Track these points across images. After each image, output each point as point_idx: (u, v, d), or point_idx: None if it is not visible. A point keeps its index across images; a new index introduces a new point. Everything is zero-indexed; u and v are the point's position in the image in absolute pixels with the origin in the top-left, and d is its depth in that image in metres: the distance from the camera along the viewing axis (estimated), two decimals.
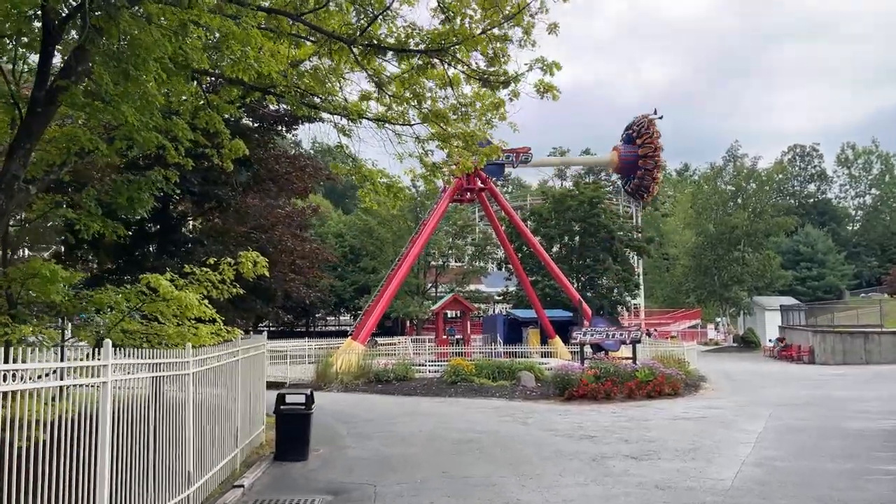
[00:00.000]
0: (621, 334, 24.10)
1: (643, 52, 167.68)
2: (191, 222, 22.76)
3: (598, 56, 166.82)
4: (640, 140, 38.97)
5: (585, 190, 47.54)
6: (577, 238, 47.99)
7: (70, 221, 15.62)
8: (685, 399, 20.95)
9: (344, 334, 59.55)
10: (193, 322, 13.65)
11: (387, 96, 12.38)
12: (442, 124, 15.81)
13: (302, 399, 12.04)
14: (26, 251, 20.74)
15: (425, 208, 49.99)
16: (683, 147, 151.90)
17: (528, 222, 48.91)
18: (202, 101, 14.02)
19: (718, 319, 64.12)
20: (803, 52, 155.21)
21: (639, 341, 24.51)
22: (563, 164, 42.11)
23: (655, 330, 54.41)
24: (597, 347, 24.99)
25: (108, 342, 6.68)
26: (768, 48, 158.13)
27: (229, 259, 14.85)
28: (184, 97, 13.62)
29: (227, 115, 18.85)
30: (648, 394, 21.18)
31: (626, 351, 25.50)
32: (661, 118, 40.76)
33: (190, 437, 8.93)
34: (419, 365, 28.59)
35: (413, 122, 15.79)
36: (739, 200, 55.80)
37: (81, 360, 6.29)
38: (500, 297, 53.77)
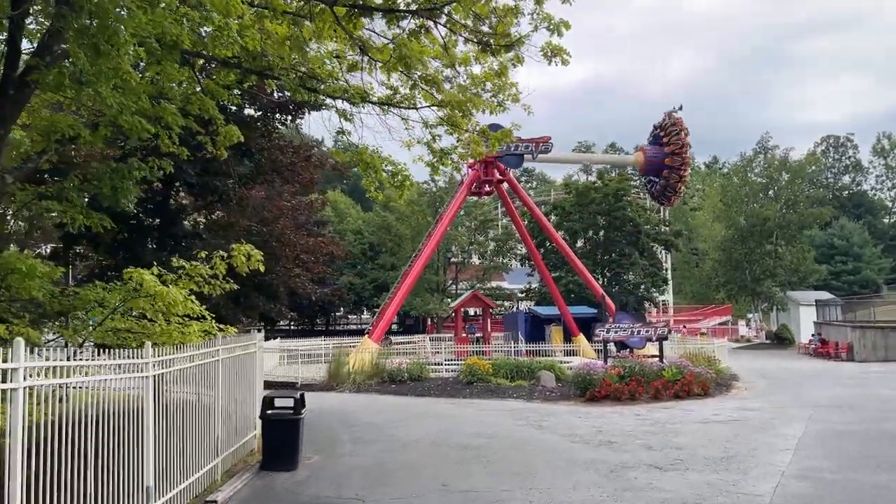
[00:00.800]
0: (647, 331, 22.71)
1: (670, 45, 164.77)
2: (195, 217, 21.89)
3: (623, 50, 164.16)
4: (667, 139, 37.31)
5: (610, 182, 46.03)
6: (601, 232, 46.49)
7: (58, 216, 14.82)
8: (716, 400, 19.54)
9: (363, 333, 58.76)
10: (184, 319, 12.70)
11: (375, 66, 11.20)
12: (448, 109, 14.73)
13: (292, 402, 10.95)
14: (17, 247, 20.02)
15: (444, 203, 48.85)
16: (712, 140, 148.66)
17: (551, 216, 47.50)
18: (197, 88, 13.06)
19: (750, 315, 62.11)
20: (836, 42, 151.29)
21: (665, 338, 23.13)
22: (586, 162, 40.57)
23: (684, 326, 52.71)
24: (621, 345, 23.64)
25: (18, 341, 5.59)
26: (800, 39, 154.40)
27: (221, 252, 13.89)
28: (175, 83, 12.70)
29: (223, 102, 17.92)
30: (676, 394, 19.81)
31: (652, 349, 24.14)
32: (680, 108, 38.98)
33: (150, 448, 7.88)
34: (435, 364, 27.47)
35: (420, 106, 14.70)
36: (771, 193, 53.74)
37: None
38: (523, 294, 52.44)
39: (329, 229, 56.53)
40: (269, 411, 10.69)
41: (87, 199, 14.85)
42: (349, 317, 66.62)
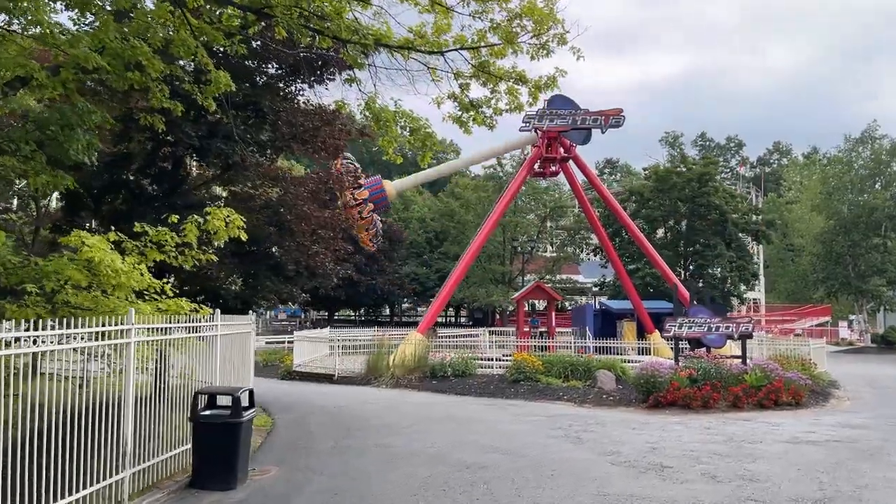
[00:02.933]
0: (727, 327, 19.22)
1: (768, 36, 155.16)
2: (214, 187, 19.93)
3: (718, 43, 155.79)
4: None
5: (694, 166, 41.96)
6: (683, 221, 42.46)
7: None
8: (810, 412, 16.02)
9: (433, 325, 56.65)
10: (145, 295, 10.56)
11: None
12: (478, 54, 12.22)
13: (243, 400, 8.51)
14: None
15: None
16: (814, 133, 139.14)
17: (628, 204, 43.77)
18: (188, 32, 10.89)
19: (853, 316, 56.22)
20: None
21: (749, 336, 19.58)
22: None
23: (776, 327, 47.87)
24: (697, 343, 20.18)
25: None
26: None
27: (197, 218, 11.63)
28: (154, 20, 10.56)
29: (229, 54, 15.72)
30: (760, 402, 16.40)
31: (734, 348, 20.62)
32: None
33: None
34: (486, 359, 24.75)
35: (445, 49, 12.10)
36: (878, 186, 47.62)
37: None
38: (597, 288, 48.88)
39: (394, 217, 54.62)
40: (203, 413, 8.27)
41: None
42: (418, 308, 64.63)
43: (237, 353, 11.45)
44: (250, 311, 17.19)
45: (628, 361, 23.13)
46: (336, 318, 54.05)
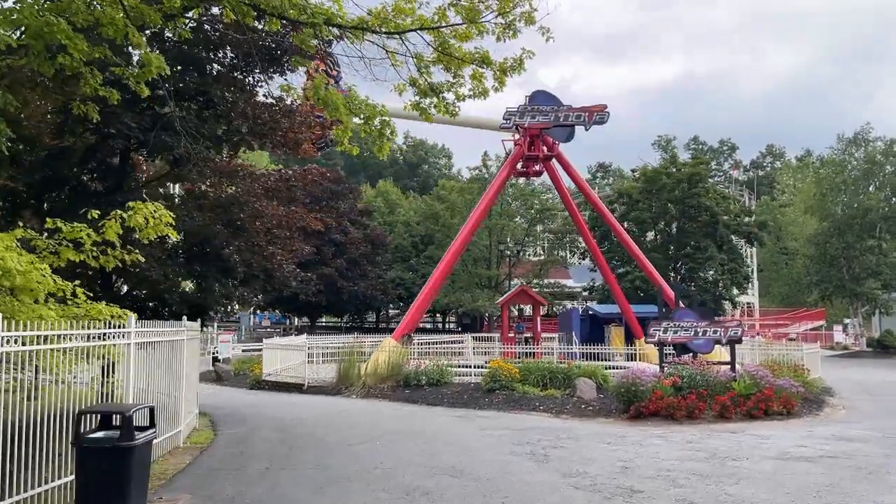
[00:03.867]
0: (715, 331, 18.07)
1: (765, 40, 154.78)
2: (169, 185, 18.75)
3: (718, 44, 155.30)
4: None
5: (684, 167, 40.90)
6: (674, 224, 41.38)
7: None
8: (803, 422, 14.88)
9: (418, 330, 55.33)
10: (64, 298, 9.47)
11: None
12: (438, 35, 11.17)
13: (138, 419, 7.30)
14: None
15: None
16: (808, 138, 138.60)
17: (617, 206, 42.69)
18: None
19: (847, 320, 55.20)
20: None
21: (739, 340, 18.45)
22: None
23: (770, 331, 46.78)
24: (683, 349, 19.06)
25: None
26: None
27: (121, 213, 10.45)
28: None
29: (170, 35, 14.66)
30: (749, 412, 15.25)
31: (724, 354, 19.46)
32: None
33: None
34: (465, 367, 23.52)
35: (405, 30, 11.00)
36: (872, 189, 46.47)
37: None
38: (587, 292, 47.73)
39: (377, 221, 53.40)
40: (100, 434, 7.06)
41: None
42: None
43: (163, 364, 10.26)
44: (200, 318, 15.96)
45: (615, 368, 22.03)
46: (320, 324, 52.73)
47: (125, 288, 16.33)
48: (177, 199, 18.25)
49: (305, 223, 15.93)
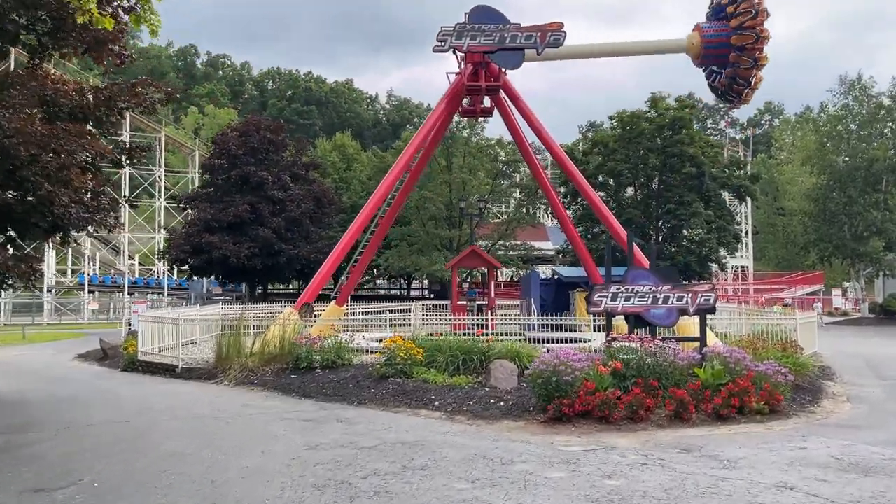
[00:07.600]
0: (680, 297, 13.44)
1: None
2: None
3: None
4: (735, 8, 26.56)
5: (666, 111, 35.99)
6: (656, 179, 36.61)
7: None
8: (792, 428, 10.39)
9: (384, 298, 50.83)
10: None
11: None
12: None
13: None
14: None
15: (458, 140, 39.96)
16: (813, 98, 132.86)
17: (592, 157, 37.88)
18: None
19: (847, 284, 50.78)
20: None
21: (712, 310, 13.89)
22: (616, 54, 30.03)
23: (762, 297, 42.36)
24: (640, 320, 14.42)
25: None
26: None
27: None
28: None
29: None
30: (716, 411, 10.82)
31: (694, 327, 14.91)
32: None
33: None
34: (379, 342, 19.08)
35: None
36: (877, 145, 41.26)
37: None
38: (562, 256, 43.13)
39: (333, 178, 48.57)
40: None
41: None
42: (375, 281, 58.71)
43: None
44: None
45: (578, 342, 17.72)
46: (274, 292, 48.19)
47: None
48: None
49: (89, 147, 11.19)
